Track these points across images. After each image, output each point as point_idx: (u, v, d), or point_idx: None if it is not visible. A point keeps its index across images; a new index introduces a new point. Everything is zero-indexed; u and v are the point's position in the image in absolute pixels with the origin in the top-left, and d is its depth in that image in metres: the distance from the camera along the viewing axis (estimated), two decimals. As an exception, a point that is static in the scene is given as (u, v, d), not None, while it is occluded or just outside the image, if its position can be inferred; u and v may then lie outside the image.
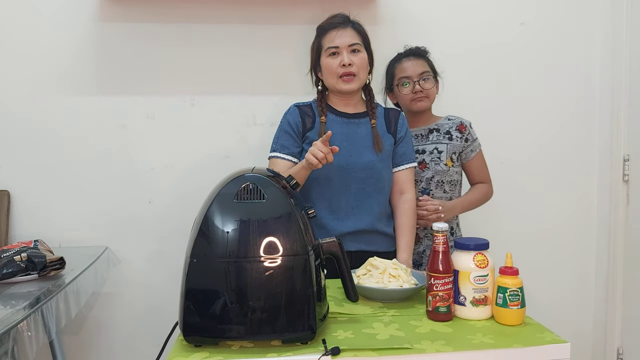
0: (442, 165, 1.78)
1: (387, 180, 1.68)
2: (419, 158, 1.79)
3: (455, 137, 1.79)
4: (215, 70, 2.03)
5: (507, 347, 1.04)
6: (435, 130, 1.81)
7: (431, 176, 1.78)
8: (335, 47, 1.62)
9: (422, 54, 1.82)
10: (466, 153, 1.80)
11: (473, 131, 1.82)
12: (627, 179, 2.16)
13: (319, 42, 1.67)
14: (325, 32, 1.66)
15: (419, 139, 1.82)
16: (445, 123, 1.81)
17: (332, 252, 1.13)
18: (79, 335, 2.05)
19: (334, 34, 1.63)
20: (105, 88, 2.00)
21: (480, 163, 1.84)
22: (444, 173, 1.78)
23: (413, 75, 1.77)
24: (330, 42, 1.63)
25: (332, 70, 1.63)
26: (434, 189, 1.78)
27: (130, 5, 1.97)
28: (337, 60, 1.62)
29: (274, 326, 1.02)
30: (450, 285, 1.16)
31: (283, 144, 1.66)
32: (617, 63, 2.16)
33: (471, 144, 1.80)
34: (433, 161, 1.78)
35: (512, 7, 2.16)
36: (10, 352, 1.14)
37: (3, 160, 1.97)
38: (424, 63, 1.80)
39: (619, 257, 2.19)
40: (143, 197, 2.04)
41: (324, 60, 1.65)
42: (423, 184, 1.79)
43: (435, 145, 1.79)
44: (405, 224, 1.66)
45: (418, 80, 1.76)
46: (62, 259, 1.56)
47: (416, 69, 1.77)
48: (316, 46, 1.68)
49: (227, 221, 1.04)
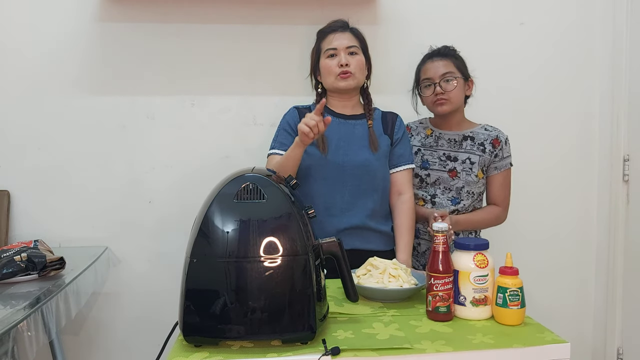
0: (473, 177, 1.73)
1: (382, 179, 1.69)
2: (449, 165, 1.74)
3: (488, 150, 1.72)
4: (215, 70, 2.04)
5: (507, 347, 1.04)
6: (470, 138, 1.74)
7: (462, 186, 1.73)
8: (334, 48, 1.66)
9: (448, 53, 1.74)
10: (490, 169, 1.74)
11: (507, 148, 1.74)
12: (627, 179, 2.16)
13: (318, 45, 1.71)
14: (324, 36, 1.70)
15: (451, 144, 1.75)
16: (481, 133, 1.74)
17: (332, 252, 1.13)
18: (79, 335, 2.05)
19: (332, 37, 1.68)
20: (105, 88, 2.00)
21: (501, 183, 1.75)
22: (474, 184, 1.73)
23: (434, 76, 1.70)
24: (328, 44, 1.67)
25: (330, 69, 1.66)
26: (464, 198, 1.74)
27: (130, 5, 1.97)
28: (335, 60, 1.65)
29: (274, 326, 1.02)
30: (450, 285, 1.16)
31: (282, 141, 1.68)
32: (617, 63, 2.16)
33: (499, 161, 1.74)
34: (464, 171, 1.73)
35: (512, 7, 2.16)
36: (10, 352, 1.14)
37: (3, 160, 1.97)
38: (448, 63, 1.71)
39: (619, 257, 2.18)
40: (143, 197, 2.04)
41: (323, 61, 1.68)
42: (453, 192, 1.74)
43: (468, 154, 1.73)
44: (404, 225, 1.67)
45: (439, 82, 1.69)
46: (62, 259, 1.56)
47: (438, 70, 1.70)
48: (316, 50, 1.73)
49: (227, 221, 1.04)
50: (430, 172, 1.76)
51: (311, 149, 1.62)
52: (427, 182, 1.77)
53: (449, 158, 1.74)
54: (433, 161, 1.76)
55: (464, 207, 1.74)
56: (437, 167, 1.75)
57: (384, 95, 1.91)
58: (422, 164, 1.78)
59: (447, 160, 1.74)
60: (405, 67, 1.87)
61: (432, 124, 1.82)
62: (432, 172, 1.76)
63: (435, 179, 1.75)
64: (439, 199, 1.75)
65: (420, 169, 1.78)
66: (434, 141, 1.78)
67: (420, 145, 1.80)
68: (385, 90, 1.95)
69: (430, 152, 1.77)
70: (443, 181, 1.74)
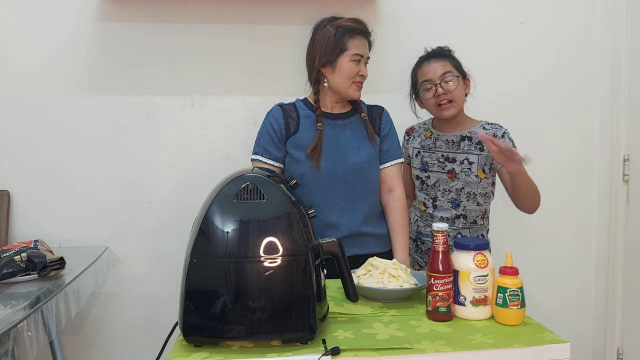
0: (472, 177, 1.71)
1: (375, 181, 1.69)
2: (448, 167, 1.72)
3: (486, 148, 1.66)
4: (215, 70, 2.04)
5: (507, 347, 1.04)
6: (467, 138, 1.71)
7: (461, 187, 1.71)
8: (361, 55, 1.62)
9: (445, 54, 1.72)
10: (496, 164, 1.70)
11: (508, 142, 1.69)
12: (627, 179, 2.16)
13: (344, 42, 1.59)
14: (353, 35, 1.61)
15: (449, 145, 1.73)
16: (478, 132, 1.71)
17: (332, 252, 1.13)
18: (79, 335, 2.05)
19: (362, 42, 1.62)
20: (106, 88, 2.00)
21: None
22: (475, 185, 1.71)
23: (434, 77, 1.67)
24: (357, 48, 1.61)
25: (351, 75, 1.61)
26: (464, 200, 1.72)
27: (130, 5, 1.97)
28: (358, 67, 1.61)
29: (274, 326, 1.02)
30: (450, 285, 1.16)
31: (265, 147, 1.66)
32: (617, 63, 2.16)
33: None
34: (463, 172, 1.71)
35: (512, 7, 2.16)
36: (10, 352, 1.14)
37: (3, 160, 1.97)
38: (447, 63, 1.69)
39: (619, 257, 2.18)
40: (143, 197, 2.04)
41: (346, 62, 1.60)
42: (453, 194, 1.72)
43: (466, 155, 1.71)
44: (398, 223, 1.66)
45: (439, 83, 1.66)
46: (62, 259, 1.56)
47: (437, 71, 1.67)
48: (339, 44, 1.59)
49: (227, 221, 1.04)
50: (430, 174, 1.76)
51: (303, 157, 1.61)
52: (428, 184, 1.76)
53: (447, 159, 1.73)
54: (432, 163, 1.75)
55: (465, 209, 1.73)
56: (436, 168, 1.75)
57: (383, 95, 1.91)
58: (422, 166, 1.77)
59: (446, 162, 1.73)
60: (405, 67, 1.86)
61: (433, 125, 1.81)
62: (432, 174, 1.75)
63: (435, 180, 1.75)
64: (439, 201, 1.74)
65: (421, 171, 1.78)
66: (432, 143, 1.77)
67: (420, 147, 1.80)
68: (385, 91, 1.95)
69: (429, 154, 1.77)
70: (442, 183, 1.74)
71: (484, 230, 1.78)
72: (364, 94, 1.74)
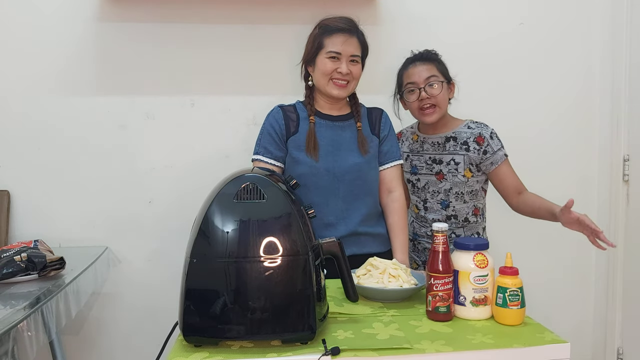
0: (459, 177, 1.71)
1: (374, 182, 1.69)
2: (435, 168, 1.73)
3: (472, 148, 1.69)
4: (215, 70, 2.04)
5: (507, 347, 1.04)
6: (452, 138, 1.71)
7: (449, 188, 1.72)
8: (338, 53, 1.60)
9: (431, 57, 1.71)
10: (485, 166, 1.70)
11: (494, 142, 1.68)
12: (627, 179, 2.16)
13: (321, 40, 1.62)
14: (330, 33, 1.61)
15: (435, 147, 1.73)
16: (463, 132, 1.70)
17: (332, 252, 1.13)
18: (79, 335, 2.05)
19: (340, 39, 1.60)
20: (105, 88, 2.00)
21: (509, 171, 1.70)
22: (463, 184, 1.71)
23: (419, 81, 1.67)
24: (333, 46, 1.60)
25: (326, 72, 1.61)
26: (453, 200, 1.73)
27: (130, 5, 1.97)
28: (335, 65, 1.60)
29: (274, 326, 1.02)
30: (450, 285, 1.16)
31: (266, 147, 1.65)
32: (617, 63, 2.16)
33: (491, 156, 1.68)
34: (450, 172, 1.71)
35: (512, 6, 2.16)
36: (10, 352, 1.14)
37: (3, 160, 1.98)
38: (432, 67, 1.68)
39: (619, 257, 2.18)
40: (143, 197, 2.04)
41: (321, 59, 1.62)
42: (442, 195, 1.73)
43: (452, 156, 1.70)
44: (397, 224, 1.66)
45: (424, 87, 1.66)
46: (62, 259, 1.56)
47: (422, 75, 1.67)
48: (317, 43, 1.62)
49: (227, 221, 1.04)
50: (419, 177, 1.77)
51: (303, 157, 1.61)
52: (418, 186, 1.77)
53: (435, 161, 1.74)
54: (420, 166, 1.77)
55: (455, 209, 1.73)
56: (424, 171, 1.76)
57: (383, 95, 1.90)
58: (411, 170, 1.79)
59: (433, 164, 1.74)
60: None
61: (419, 129, 1.82)
62: (422, 177, 1.76)
63: (425, 183, 1.76)
64: (429, 203, 1.75)
65: (411, 175, 1.79)
66: (420, 146, 1.78)
67: (408, 151, 1.81)
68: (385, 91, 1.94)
69: (417, 157, 1.78)
70: (432, 184, 1.74)
71: (479, 227, 1.78)
72: (363, 95, 1.74)
